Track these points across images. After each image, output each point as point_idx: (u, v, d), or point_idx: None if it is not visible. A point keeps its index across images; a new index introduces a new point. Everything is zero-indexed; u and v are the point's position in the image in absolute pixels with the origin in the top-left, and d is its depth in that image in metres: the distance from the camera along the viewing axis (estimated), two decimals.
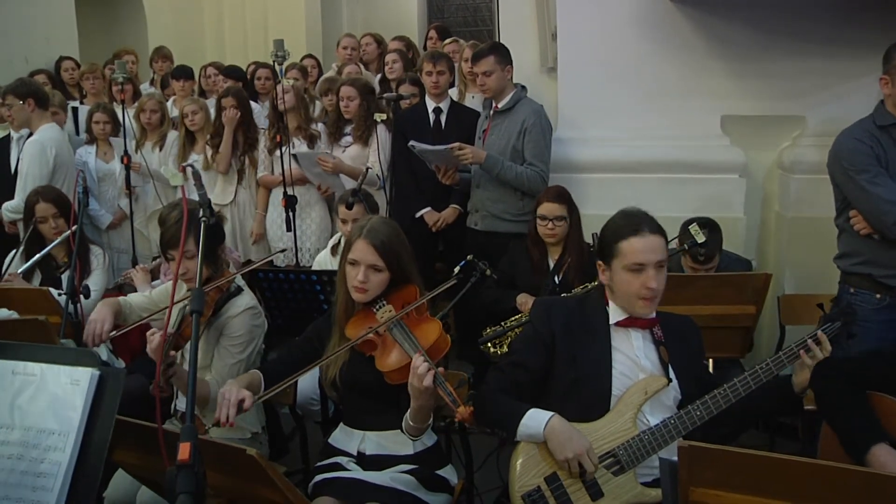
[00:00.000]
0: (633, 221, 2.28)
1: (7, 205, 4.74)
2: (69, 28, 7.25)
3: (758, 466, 1.68)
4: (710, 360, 3.39)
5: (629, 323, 2.31)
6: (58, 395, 1.47)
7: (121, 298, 2.99)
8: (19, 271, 3.76)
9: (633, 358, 2.30)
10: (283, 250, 4.68)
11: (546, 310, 2.42)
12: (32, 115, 4.68)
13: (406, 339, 2.29)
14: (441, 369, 2.12)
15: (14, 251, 3.94)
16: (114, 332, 2.61)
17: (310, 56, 7.14)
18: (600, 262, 2.35)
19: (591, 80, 4.54)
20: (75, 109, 6.00)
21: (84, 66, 6.59)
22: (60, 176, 4.62)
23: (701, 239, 3.28)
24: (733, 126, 4.40)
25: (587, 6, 4.49)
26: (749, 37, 4.24)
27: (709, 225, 3.48)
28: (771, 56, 4.22)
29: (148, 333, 2.37)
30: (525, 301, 3.64)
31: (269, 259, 4.00)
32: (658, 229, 2.28)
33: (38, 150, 4.56)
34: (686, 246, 3.37)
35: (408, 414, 2.24)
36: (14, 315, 2.92)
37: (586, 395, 2.26)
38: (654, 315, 2.33)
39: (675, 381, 2.27)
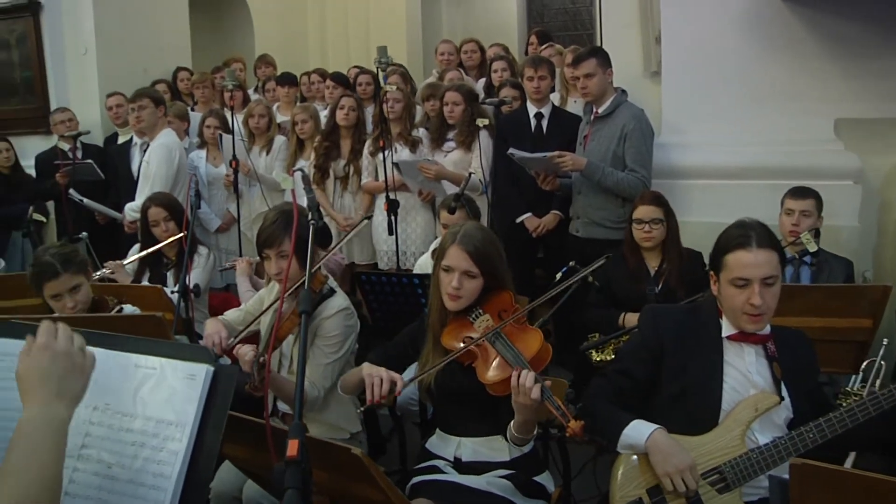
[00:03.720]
0: (742, 233, 2.18)
1: (130, 205, 5.03)
2: (183, 39, 7.59)
3: (876, 490, 1.58)
4: None
5: (742, 337, 2.23)
6: (176, 388, 1.54)
7: (221, 317, 3.10)
8: (125, 263, 4.07)
9: (745, 373, 2.22)
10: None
11: (656, 318, 2.36)
12: (159, 120, 4.96)
13: (508, 350, 2.25)
14: (548, 382, 2.08)
15: (135, 246, 4.28)
16: (232, 340, 2.70)
17: (397, 64, 7.22)
18: (712, 273, 2.29)
19: (695, 83, 4.44)
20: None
21: (195, 76, 6.90)
22: (180, 179, 4.87)
23: (813, 248, 3.15)
24: (848, 130, 4.21)
25: (693, 8, 4.39)
26: (865, 34, 4.05)
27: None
28: (889, 54, 4.02)
29: (237, 349, 2.45)
30: (631, 320, 3.50)
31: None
32: (770, 243, 2.18)
33: (166, 152, 4.82)
34: (797, 255, 3.24)
35: (512, 425, 2.22)
36: (137, 311, 3.09)
37: (694, 408, 2.20)
38: (768, 330, 2.24)
39: (787, 400, 2.18)
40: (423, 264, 3.93)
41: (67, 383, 1.36)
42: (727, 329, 2.25)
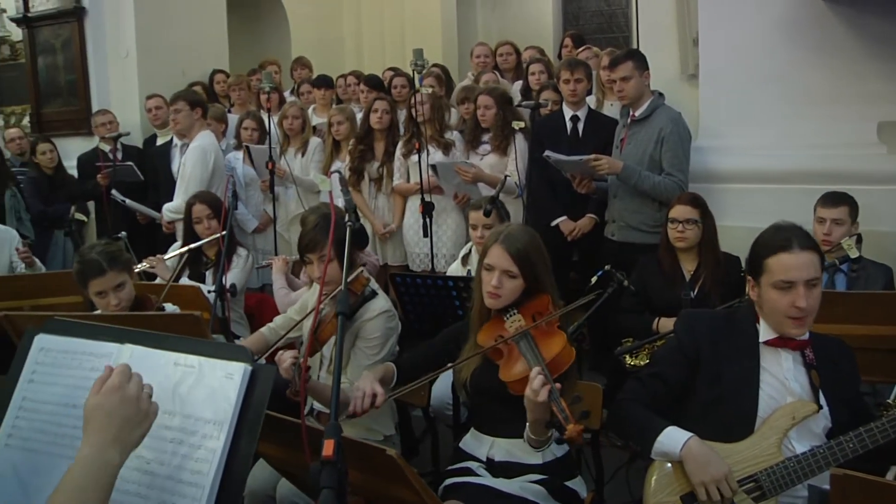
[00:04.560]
0: (783, 236, 2.16)
1: (168, 205, 5.11)
2: (221, 42, 7.69)
3: None
4: None
5: (780, 343, 2.20)
6: (214, 386, 1.55)
7: (265, 328, 3.15)
8: (166, 258, 4.15)
9: (782, 380, 2.19)
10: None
11: (692, 322, 2.34)
12: (196, 122, 5.02)
13: (529, 350, 2.27)
14: (558, 385, 2.09)
15: (175, 244, 4.38)
16: (259, 358, 2.73)
17: (438, 65, 7.24)
18: (749, 278, 2.25)
19: (734, 86, 4.38)
20: None
21: (231, 79, 6.99)
22: (216, 181, 4.93)
23: (854, 254, 3.09)
24: (891, 133, 4.12)
25: (731, 10, 4.34)
26: None
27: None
28: None
29: (277, 357, 2.47)
30: (666, 325, 3.47)
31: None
32: (811, 245, 2.16)
33: (200, 155, 4.89)
34: (837, 261, 3.18)
35: (527, 425, 2.23)
36: (177, 309, 3.14)
37: (729, 415, 2.18)
38: (806, 336, 2.20)
39: (825, 409, 2.14)
40: (454, 271, 3.94)
41: (128, 430, 1.39)
42: (764, 334, 2.22)
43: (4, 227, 4.76)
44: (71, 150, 6.64)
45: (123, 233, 5.02)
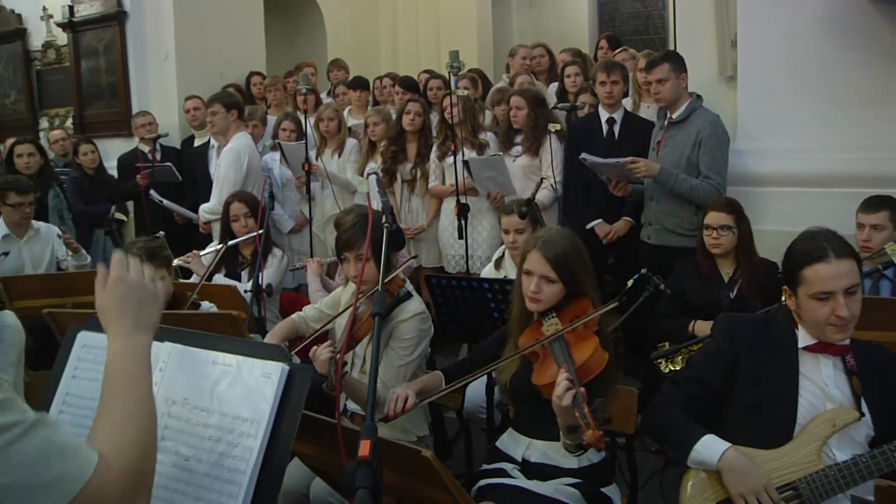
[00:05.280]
0: (817, 246, 2.11)
1: (204, 206, 5.19)
2: (258, 44, 7.78)
3: None
4: None
5: (820, 348, 2.16)
6: (251, 385, 1.57)
7: (296, 315, 3.18)
8: (202, 254, 4.21)
9: (822, 386, 2.15)
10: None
11: (731, 326, 2.31)
12: (232, 124, 5.08)
13: (561, 354, 2.27)
14: (583, 389, 2.08)
15: (212, 243, 4.47)
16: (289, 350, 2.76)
17: (475, 69, 7.25)
18: (785, 287, 2.21)
19: (773, 87, 4.31)
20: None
21: (267, 80, 7.06)
22: (251, 182, 4.98)
23: None
24: None
25: (771, 10, 4.27)
26: None
27: None
28: None
29: (311, 351, 2.50)
30: (702, 329, 3.45)
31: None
32: (847, 251, 2.11)
33: (234, 157, 4.94)
34: (881, 267, 3.12)
35: (562, 431, 2.22)
36: (213, 307, 3.18)
37: (767, 421, 2.14)
38: (847, 342, 2.16)
39: (867, 416, 2.10)
40: (487, 274, 3.93)
41: (145, 311, 1.41)
42: (803, 339, 2.19)
43: (46, 225, 4.86)
44: (112, 151, 6.77)
45: (161, 233, 5.09)
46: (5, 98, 8.27)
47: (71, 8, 7.35)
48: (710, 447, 2.11)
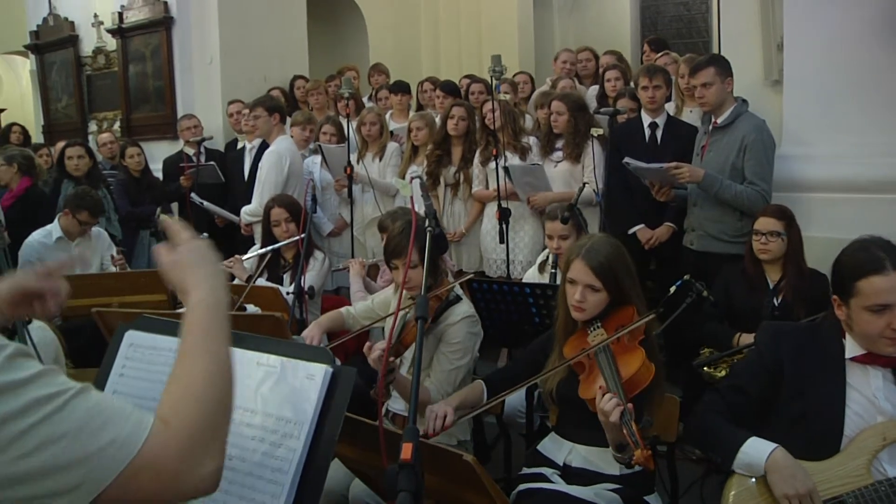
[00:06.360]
0: (874, 257, 2.04)
1: (246, 208, 5.25)
2: (301, 48, 7.87)
3: None
4: None
5: (869, 359, 2.10)
6: (295, 387, 1.58)
7: (344, 309, 3.21)
8: (244, 258, 4.27)
9: (871, 398, 2.09)
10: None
11: (775, 336, 2.27)
12: (274, 128, 5.15)
13: (608, 367, 2.24)
14: (630, 406, 2.06)
15: (254, 246, 4.52)
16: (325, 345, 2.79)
17: (523, 73, 7.24)
18: (835, 297, 2.15)
19: (821, 91, 4.22)
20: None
21: (309, 84, 7.14)
22: (292, 184, 5.04)
23: None
24: None
25: (819, 12, 4.17)
26: None
27: None
28: None
29: (366, 347, 2.52)
30: (747, 341, 3.34)
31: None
32: None
33: (276, 159, 5.00)
34: None
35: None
36: (257, 310, 3.23)
37: (813, 433, 2.10)
38: None
39: None
40: (530, 277, 3.92)
41: (218, 273, 1.37)
42: (851, 350, 2.12)
43: (98, 230, 5.00)
44: (157, 154, 6.90)
45: (205, 234, 5.17)
46: (57, 102, 8.50)
47: (120, 14, 7.53)
48: (757, 448, 2.07)
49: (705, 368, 3.38)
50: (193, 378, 1.18)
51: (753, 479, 2.08)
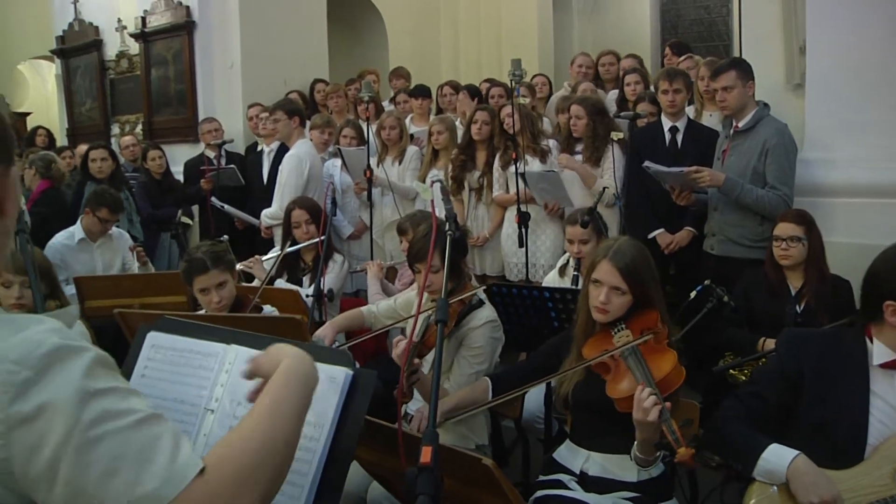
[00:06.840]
0: None
1: (266, 211, 5.29)
2: (321, 52, 7.90)
3: None
4: None
5: (894, 365, 2.06)
6: (315, 389, 1.59)
7: (365, 308, 3.22)
8: (264, 259, 4.30)
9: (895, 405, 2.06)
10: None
11: (796, 343, 2.24)
12: (294, 131, 5.18)
13: (638, 367, 2.22)
14: (668, 404, 2.05)
15: (274, 248, 4.55)
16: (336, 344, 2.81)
17: (541, 75, 7.24)
18: (890, 303, 2.04)
19: (843, 95, 4.18)
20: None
21: (328, 87, 7.16)
22: (312, 187, 5.07)
23: None
24: None
25: (842, 15, 4.13)
26: None
27: None
28: None
29: (395, 340, 2.53)
30: (770, 347, 3.30)
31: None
32: None
33: (296, 162, 5.03)
34: None
35: (636, 443, 2.20)
36: (275, 311, 3.25)
37: (835, 441, 2.06)
38: None
39: None
40: (551, 281, 3.91)
41: (307, 355, 1.40)
42: (879, 356, 2.07)
43: (119, 231, 5.05)
44: (178, 157, 6.95)
45: (225, 237, 5.21)
46: (81, 106, 8.59)
47: (143, 19, 7.61)
48: (778, 455, 2.04)
49: (731, 371, 3.35)
50: (249, 436, 1.19)
51: (775, 487, 2.05)
